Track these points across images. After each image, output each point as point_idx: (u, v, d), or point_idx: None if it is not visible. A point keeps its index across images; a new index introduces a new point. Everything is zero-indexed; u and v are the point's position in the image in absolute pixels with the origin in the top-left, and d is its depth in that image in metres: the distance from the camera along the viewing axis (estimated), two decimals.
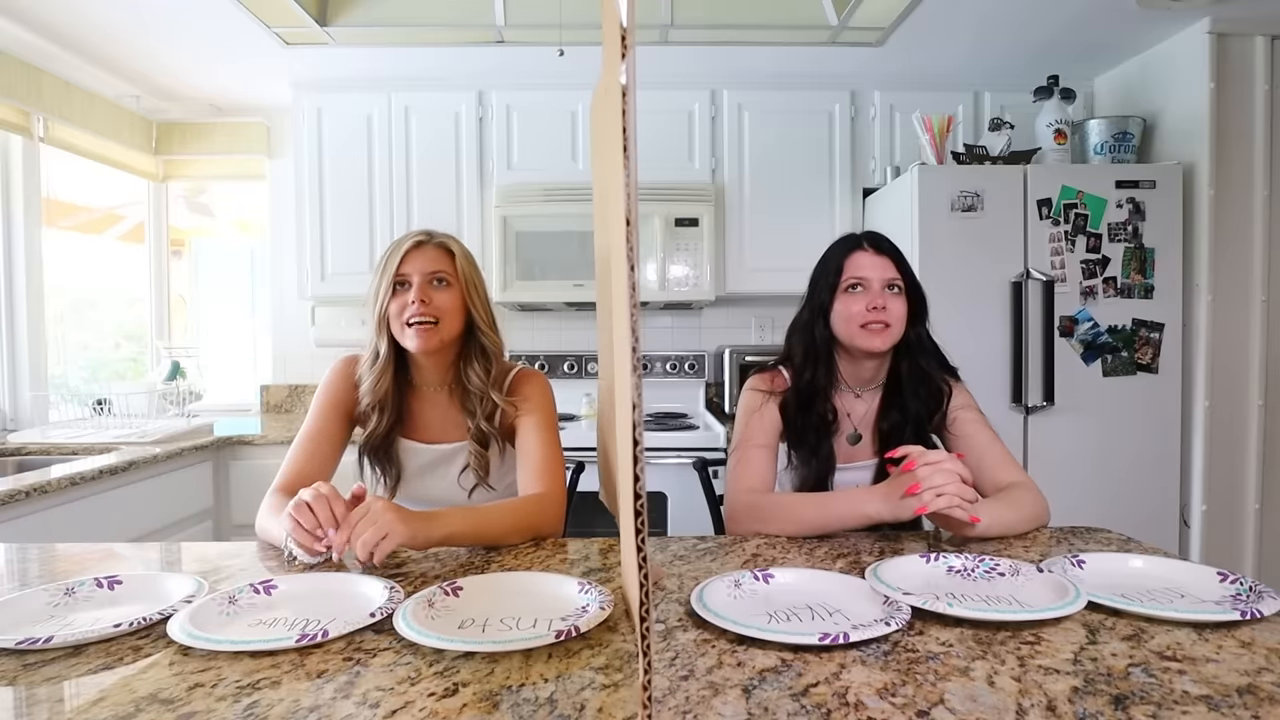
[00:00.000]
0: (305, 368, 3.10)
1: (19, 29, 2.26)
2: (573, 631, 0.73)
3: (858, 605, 0.83)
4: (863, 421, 1.33)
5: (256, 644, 0.72)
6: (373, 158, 2.77)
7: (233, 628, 0.78)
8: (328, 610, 0.82)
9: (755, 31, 2.45)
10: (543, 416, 1.29)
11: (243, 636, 0.75)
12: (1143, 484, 2.35)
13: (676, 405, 3.02)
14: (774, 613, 0.81)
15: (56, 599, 0.87)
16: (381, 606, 0.81)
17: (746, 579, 0.91)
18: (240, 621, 0.80)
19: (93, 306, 3.06)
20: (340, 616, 0.79)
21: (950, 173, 2.34)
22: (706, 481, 1.68)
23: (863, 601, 0.84)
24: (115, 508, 1.96)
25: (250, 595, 0.85)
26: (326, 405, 1.30)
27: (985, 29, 2.39)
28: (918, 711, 0.60)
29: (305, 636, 0.73)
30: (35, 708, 0.63)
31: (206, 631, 0.75)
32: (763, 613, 0.81)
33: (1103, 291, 2.33)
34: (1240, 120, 2.29)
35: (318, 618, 0.80)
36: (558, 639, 0.72)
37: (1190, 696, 0.62)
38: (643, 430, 0.53)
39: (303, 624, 0.78)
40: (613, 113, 0.55)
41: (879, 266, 1.25)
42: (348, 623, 0.77)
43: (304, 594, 0.88)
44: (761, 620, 0.78)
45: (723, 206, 2.77)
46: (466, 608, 0.83)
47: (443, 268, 1.26)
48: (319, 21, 2.30)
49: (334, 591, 0.89)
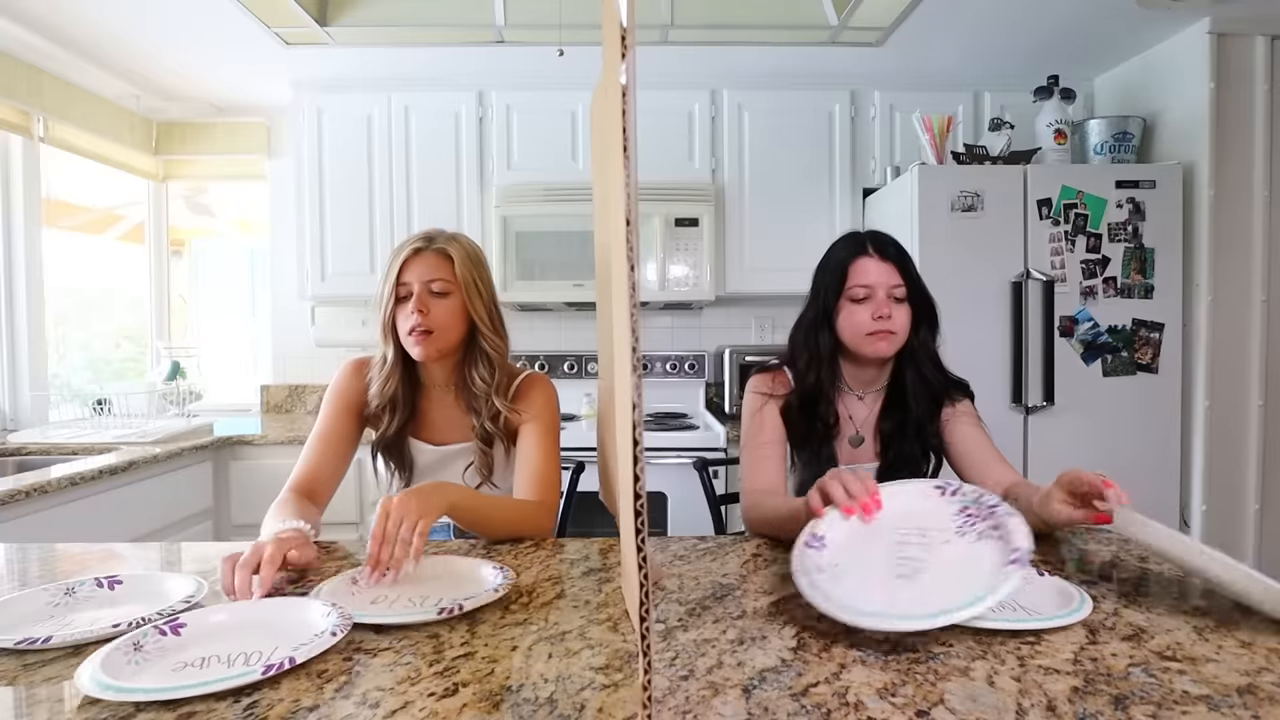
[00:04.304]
0: (305, 368, 3.10)
1: (19, 29, 2.26)
2: (456, 609, 0.79)
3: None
4: (865, 423, 1.34)
5: (201, 686, 0.63)
6: (373, 158, 2.77)
7: (147, 676, 0.68)
8: (269, 639, 0.75)
9: (755, 31, 2.45)
10: (544, 424, 1.30)
11: (172, 682, 0.65)
12: (1143, 484, 2.35)
13: (676, 405, 3.02)
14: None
15: (57, 599, 0.87)
16: (338, 624, 0.76)
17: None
18: (160, 666, 0.70)
19: (93, 306, 3.06)
20: (285, 642, 0.73)
21: (950, 173, 2.34)
22: (706, 481, 1.68)
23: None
24: (115, 508, 1.96)
25: (157, 638, 0.74)
26: (338, 406, 1.32)
27: (985, 29, 2.39)
28: (917, 711, 0.60)
29: (271, 667, 0.66)
30: (35, 708, 0.63)
31: (119, 680, 0.65)
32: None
33: (1103, 291, 2.32)
34: (1240, 120, 2.29)
35: (261, 649, 0.73)
36: (440, 615, 0.79)
37: (1190, 696, 0.62)
38: (643, 430, 0.53)
39: (256, 656, 0.71)
40: (613, 113, 0.55)
41: (884, 273, 1.25)
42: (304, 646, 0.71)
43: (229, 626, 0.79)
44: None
45: (723, 206, 2.77)
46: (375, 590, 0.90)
47: (441, 275, 1.26)
48: (319, 21, 2.30)
49: (263, 620, 0.81)
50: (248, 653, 0.72)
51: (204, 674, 0.68)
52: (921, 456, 1.30)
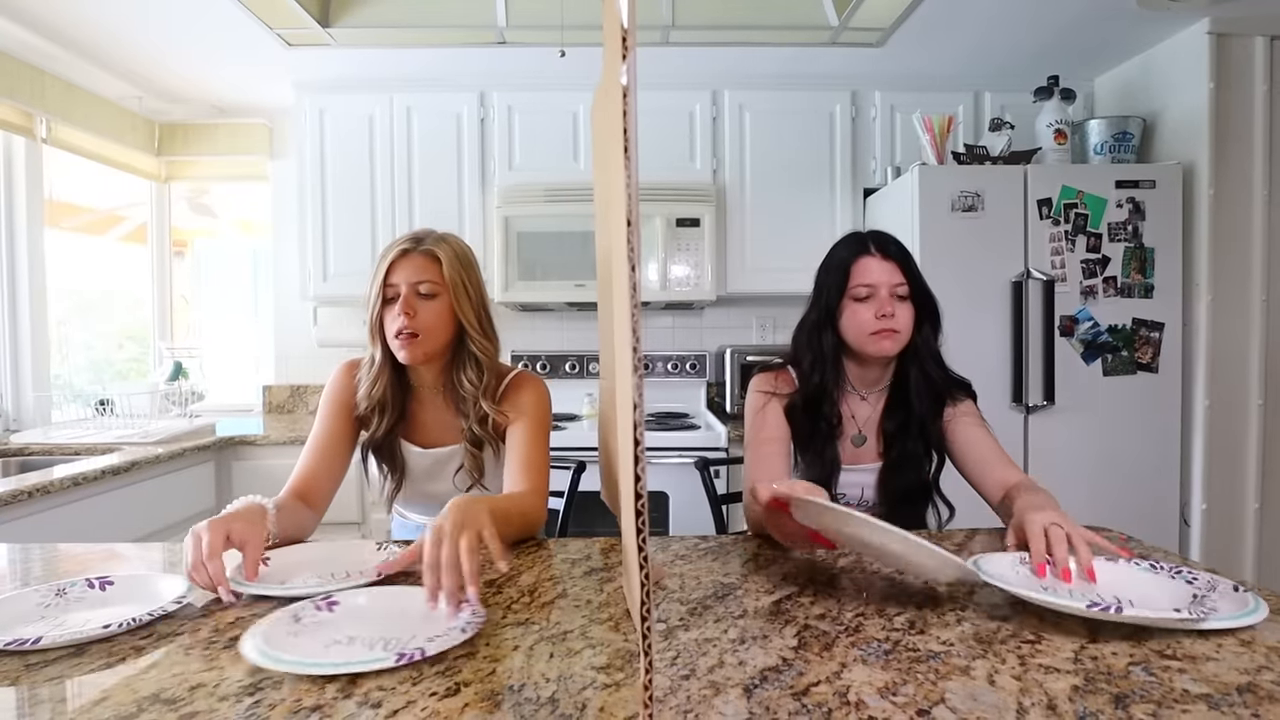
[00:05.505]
0: (307, 368, 3.10)
1: (22, 31, 2.26)
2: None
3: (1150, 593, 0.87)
4: (868, 423, 1.34)
5: (349, 666, 0.68)
6: (374, 158, 2.77)
7: (301, 648, 0.73)
8: (405, 627, 0.79)
9: (756, 32, 2.45)
10: (532, 420, 1.28)
11: (326, 658, 0.71)
12: (1143, 483, 2.35)
13: (678, 405, 3.02)
14: (1053, 588, 0.88)
15: (48, 600, 0.87)
16: (470, 621, 0.78)
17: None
18: (311, 640, 0.76)
19: (95, 307, 3.06)
20: (421, 633, 0.76)
21: (951, 173, 2.34)
22: (708, 481, 1.68)
23: (1156, 592, 0.87)
24: (118, 508, 1.96)
25: (314, 612, 0.81)
26: (332, 409, 1.31)
27: (985, 29, 2.39)
28: (918, 711, 0.60)
29: (403, 656, 0.69)
30: (38, 707, 0.64)
31: (278, 650, 0.70)
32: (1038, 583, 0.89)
33: (1103, 291, 2.33)
34: (1240, 120, 2.29)
35: (396, 635, 0.76)
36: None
37: (1190, 695, 0.62)
38: (644, 430, 0.53)
39: (395, 643, 0.74)
40: (614, 113, 0.55)
41: (886, 272, 1.25)
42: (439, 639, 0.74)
43: (370, 610, 0.83)
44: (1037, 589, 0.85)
45: (724, 206, 2.77)
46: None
47: (428, 277, 1.24)
48: (321, 23, 2.31)
49: (399, 609, 0.84)
50: (387, 638, 0.76)
51: (349, 652, 0.73)
52: (924, 456, 1.31)
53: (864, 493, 1.32)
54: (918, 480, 1.30)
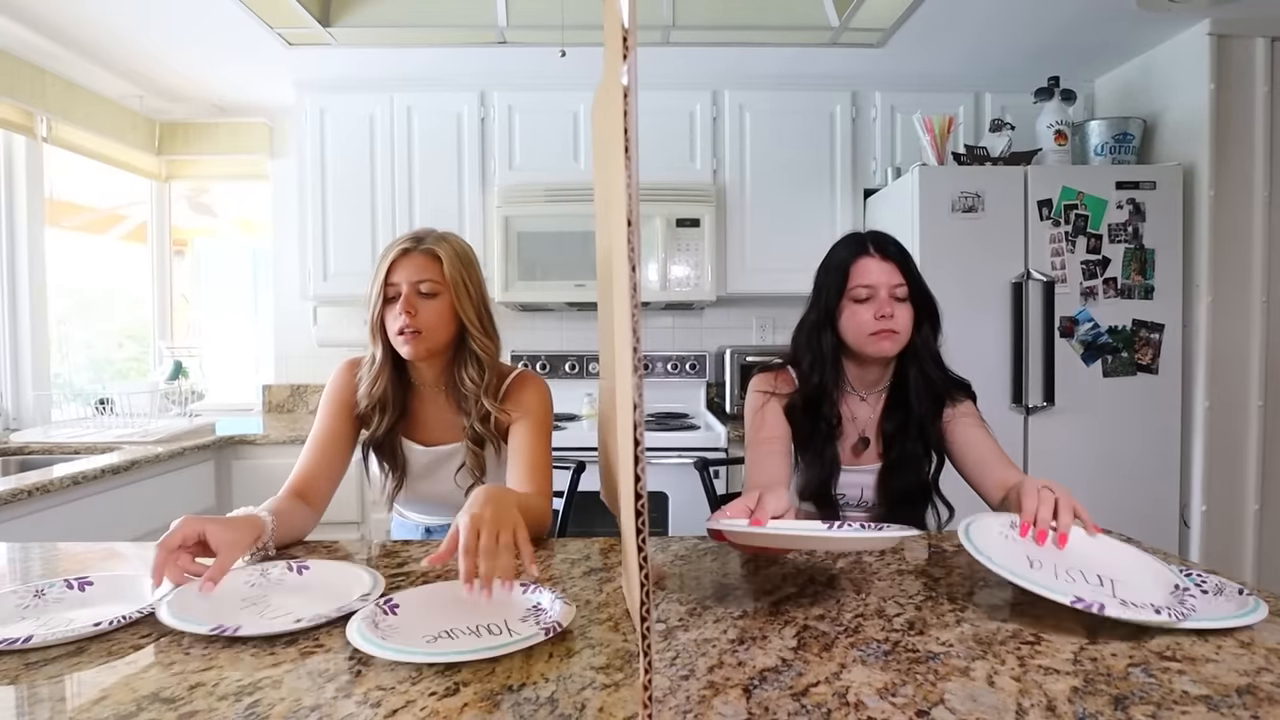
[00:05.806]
0: (307, 367, 3.10)
1: (22, 29, 2.26)
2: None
3: (1140, 582, 0.86)
4: (867, 424, 1.34)
5: (510, 645, 0.71)
6: (375, 158, 2.77)
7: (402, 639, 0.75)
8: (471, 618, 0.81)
9: (756, 32, 2.45)
10: (534, 419, 1.29)
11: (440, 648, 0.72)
12: (1143, 484, 2.35)
13: (678, 405, 3.02)
14: (1039, 562, 0.87)
15: (26, 601, 0.86)
16: (546, 609, 0.82)
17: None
18: (405, 639, 0.76)
19: (95, 306, 3.06)
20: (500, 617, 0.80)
21: (951, 173, 2.34)
22: (707, 481, 1.68)
23: (1147, 580, 0.86)
24: (118, 507, 1.96)
25: (384, 616, 0.81)
26: (333, 407, 1.31)
27: (986, 30, 2.39)
28: (918, 711, 0.60)
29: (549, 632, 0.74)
30: (37, 706, 0.64)
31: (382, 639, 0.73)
32: (1025, 557, 0.88)
33: (1103, 292, 2.33)
34: (1240, 121, 2.29)
35: (482, 622, 0.79)
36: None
37: (1190, 696, 0.62)
38: (644, 430, 0.53)
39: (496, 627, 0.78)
40: (614, 113, 0.55)
41: (885, 272, 1.26)
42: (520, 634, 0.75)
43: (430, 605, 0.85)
44: (1023, 565, 0.85)
45: (724, 207, 2.77)
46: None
47: (429, 276, 1.25)
48: (321, 22, 2.31)
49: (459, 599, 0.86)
50: (477, 626, 0.78)
51: (480, 641, 0.74)
52: (924, 456, 1.31)
53: (864, 493, 1.32)
54: (917, 481, 1.30)
